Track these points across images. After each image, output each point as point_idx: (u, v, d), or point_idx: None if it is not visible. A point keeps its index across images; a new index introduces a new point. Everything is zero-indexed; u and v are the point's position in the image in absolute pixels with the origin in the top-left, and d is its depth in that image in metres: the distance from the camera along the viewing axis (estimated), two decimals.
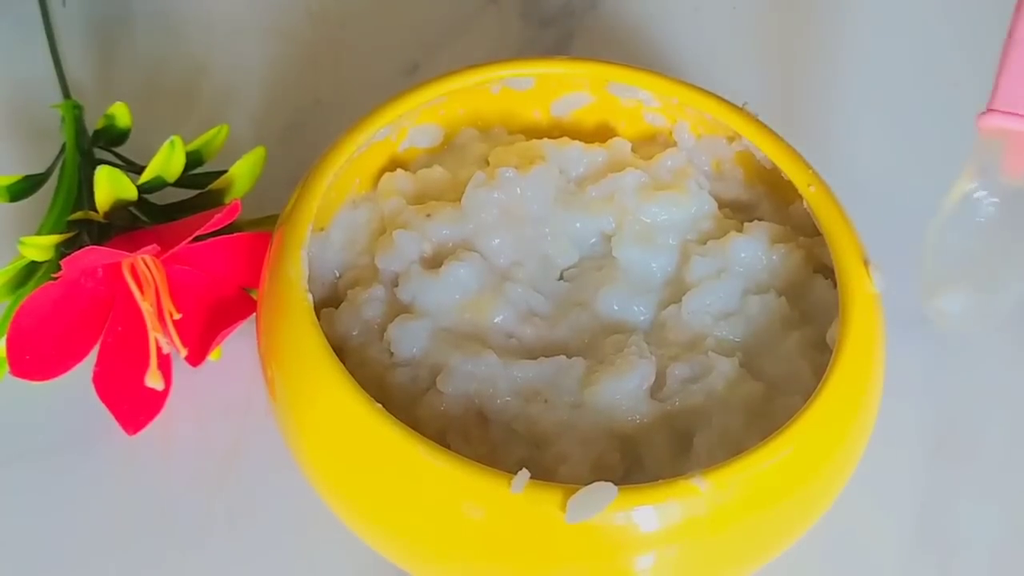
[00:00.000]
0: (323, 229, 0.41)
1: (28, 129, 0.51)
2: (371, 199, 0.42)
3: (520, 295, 0.39)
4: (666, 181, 0.41)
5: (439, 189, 0.42)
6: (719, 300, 0.39)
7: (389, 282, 0.40)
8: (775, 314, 0.39)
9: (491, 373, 0.37)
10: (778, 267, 0.40)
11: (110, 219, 0.42)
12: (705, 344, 0.38)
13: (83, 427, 0.42)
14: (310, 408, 0.36)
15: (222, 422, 0.43)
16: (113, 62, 0.54)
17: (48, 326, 0.41)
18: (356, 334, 0.39)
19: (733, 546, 0.35)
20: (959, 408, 0.44)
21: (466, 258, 0.39)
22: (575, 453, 0.36)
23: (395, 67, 0.54)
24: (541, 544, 0.33)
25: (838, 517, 0.37)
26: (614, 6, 0.57)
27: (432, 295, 0.39)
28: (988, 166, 0.37)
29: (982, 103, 0.54)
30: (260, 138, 0.50)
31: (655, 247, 0.40)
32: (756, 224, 0.41)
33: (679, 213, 0.41)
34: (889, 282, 0.39)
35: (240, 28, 0.55)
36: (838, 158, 0.42)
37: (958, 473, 0.43)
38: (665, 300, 0.40)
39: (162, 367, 0.41)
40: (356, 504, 0.36)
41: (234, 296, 0.43)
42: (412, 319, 0.38)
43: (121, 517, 0.41)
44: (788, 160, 0.40)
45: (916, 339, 0.45)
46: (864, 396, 0.36)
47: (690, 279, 0.40)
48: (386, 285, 0.40)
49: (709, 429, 0.36)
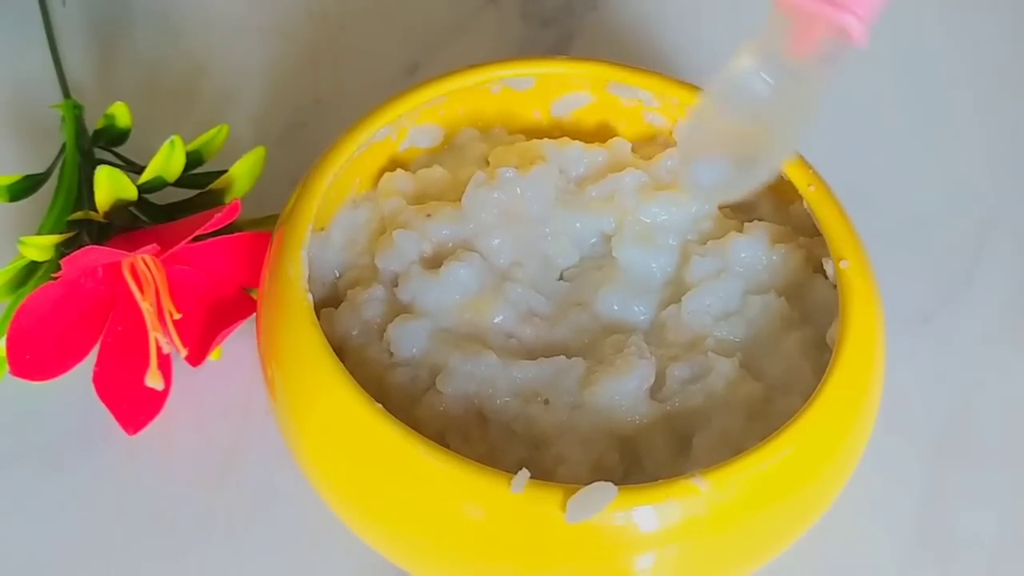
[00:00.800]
0: (323, 229, 0.41)
1: (28, 129, 0.51)
2: (371, 199, 0.42)
3: (520, 295, 0.39)
4: (666, 181, 0.41)
5: (439, 189, 0.42)
6: (719, 300, 0.39)
7: (389, 282, 0.40)
8: (775, 314, 0.39)
9: (491, 373, 0.37)
10: (778, 267, 0.40)
11: (110, 219, 0.42)
12: (705, 344, 0.38)
13: (83, 427, 0.42)
14: (310, 408, 0.36)
15: (222, 422, 0.43)
16: (113, 62, 0.54)
17: (48, 326, 0.41)
18: (356, 334, 0.39)
19: (733, 546, 0.35)
20: (959, 408, 0.44)
21: (466, 258, 0.39)
22: (575, 454, 0.36)
23: (395, 67, 0.54)
24: (541, 544, 0.33)
25: (838, 517, 0.37)
26: (614, 6, 0.57)
27: (432, 295, 0.39)
28: (773, 43, 0.35)
29: (981, 103, 0.54)
30: (260, 138, 0.50)
31: (655, 247, 0.40)
32: (756, 224, 0.41)
33: (679, 213, 0.41)
34: (889, 282, 0.39)
35: (240, 28, 0.55)
36: (838, 158, 0.42)
37: (958, 473, 0.43)
38: (665, 300, 0.40)
39: (162, 367, 0.41)
40: (356, 504, 0.36)
41: (234, 296, 0.43)
42: (412, 319, 0.38)
43: (121, 517, 0.41)
44: (788, 160, 0.40)
45: (916, 339, 0.46)
46: (864, 396, 0.36)
47: (690, 279, 0.40)
48: (386, 285, 0.40)
49: (709, 430, 0.36)
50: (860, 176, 0.45)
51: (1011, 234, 0.49)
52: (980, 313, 0.47)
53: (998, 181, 0.51)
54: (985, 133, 0.53)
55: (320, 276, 0.40)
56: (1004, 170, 0.52)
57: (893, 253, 0.42)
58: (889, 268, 0.39)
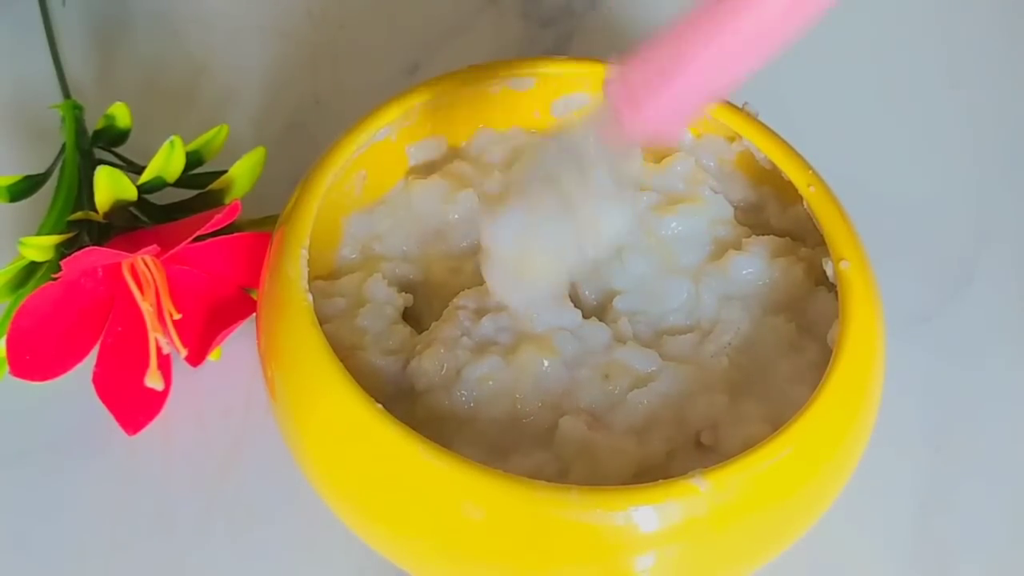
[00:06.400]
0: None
1: (28, 129, 0.51)
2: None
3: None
4: (680, 191, 0.41)
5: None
6: (720, 318, 0.39)
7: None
8: (779, 332, 0.39)
9: (492, 374, 0.37)
10: (779, 283, 0.40)
11: (110, 219, 0.42)
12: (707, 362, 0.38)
13: (83, 427, 0.42)
14: (310, 408, 0.36)
15: (222, 422, 0.43)
16: (113, 62, 0.54)
17: (48, 326, 0.41)
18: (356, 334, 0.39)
19: (733, 546, 0.35)
20: (959, 408, 0.44)
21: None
22: (578, 456, 0.36)
23: (395, 67, 0.54)
24: (541, 544, 0.33)
25: (838, 517, 0.37)
26: (614, 6, 0.57)
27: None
28: (598, 123, 0.33)
29: (981, 104, 0.54)
30: (260, 138, 0.50)
31: (669, 268, 0.40)
32: (755, 239, 0.41)
33: (698, 223, 0.41)
34: (889, 282, 0.39)
35: (240, 28, 0.55)
36: (838, 158, 0.42)
37: (958, 473, 0.43)
38: (668, 318, 0.40)
39: (162, 367, 0.41)
40: (356, 504, 0.36)
41: (234, 296, 0.43)
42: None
43: (121, 517, 0.41)
44: (788, 160, 0.40)
45: (916, 339, 0.46)
46: (864, 396, 0.36)
47: (694, 299, 0.40)
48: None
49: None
50: (860, 176, 0.45)
51: (1011, 234, 0.49)
52: (980, 313, 0.47)
53: (997, 181, 0.51)
54: (985, 133, 0.53)
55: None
56: (1003, 170, 0.52)
57: (893, 253, 0.42)
58: (889, 268, 0.39)
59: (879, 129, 0.53)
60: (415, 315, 0.41)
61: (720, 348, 0.38)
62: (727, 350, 0.38)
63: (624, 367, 0.37)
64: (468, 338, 0.38)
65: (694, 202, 0.41)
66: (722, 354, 0.38)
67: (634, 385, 0.37)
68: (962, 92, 0.54)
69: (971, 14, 0.57)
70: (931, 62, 0.55)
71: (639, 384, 0.37)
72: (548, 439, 0.36)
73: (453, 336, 0.38)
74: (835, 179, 0.40)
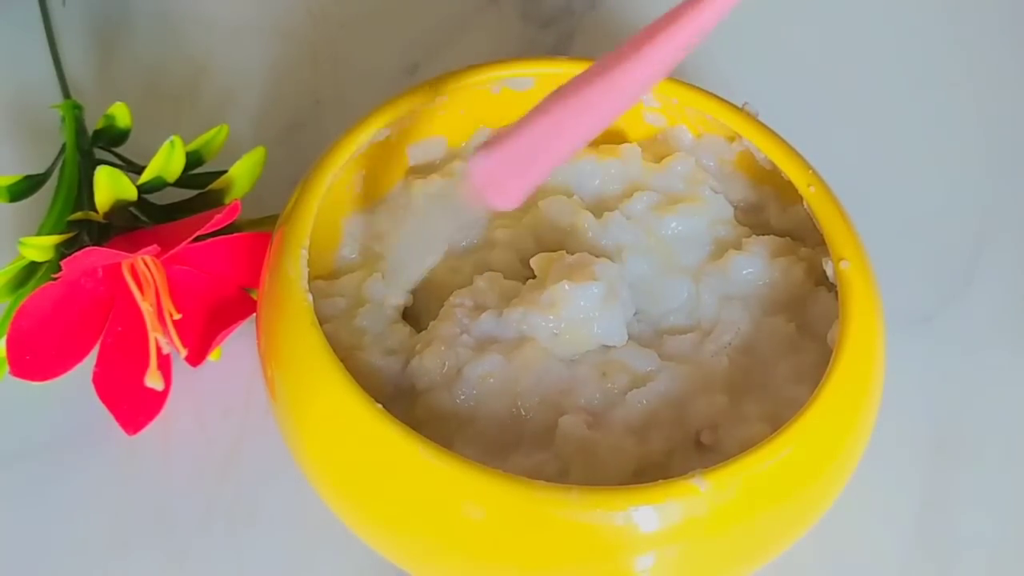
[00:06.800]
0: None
1: (28, 129, 0.51)
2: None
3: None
4: (680, 191, 0.41)
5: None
6: (720, 318, 0.39)
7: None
8: (779, 332, 0.39)
9: (494, 371, 0.37)
10: (779, 283, 0.40)
11: (110, 219, 0.42)
12: (707, 362, 0.38)
13: (83, 427, 0.42)
14: (310, 408, 0.36)
15: (222, 422, 0.43)
16: (113, 62, 0.54)
17: (48, 326, 0.41)
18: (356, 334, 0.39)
19: (733, 546, 0.35)
20: (959, 408, 0.44)
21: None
22: (577, 455, 0.36)
23: (395, 67, 0.54)
24: (541, 544, 0.33)
25: (838, 517, 0.37)
26: (614, 6, 0.57)
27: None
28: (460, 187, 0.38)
29: (981, 103, 0.54)
30: (260, 138, 0.50)
31: (670, 268, 0.40)
32: (755, 239, 0.41)
33: (698, 223, 0.41)
34: (889, 282, 0.39)
35: (240, 28, 0.55)
36: (838, 158, 0.42)
37: (958, 474, 0.43)
38: (668, 318, 0.40)
39: (162, 367, 0.41)
40: (356, 504, 0.36)
41: (234, 296, 0.43)
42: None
43: (121, 517, 0.41)
44: (788, 160, 0.40)
45: (916, 339, 0.46)
46: (864, 396, 0.36)
47: (694, 299, 0.40)
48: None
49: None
50: (860, 176, 0.45)
51: (1011, 234, 0.49)
52: (980, 313, 0.47)
53: (998, 181, 0.51)
54: (985, 133, 0.53)
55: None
56: (1004, 170, 0.52)
57: (893, 253, 0.42)
58: (889, 268, 0.39)
59: (879, 129, 0.53)
60: (414, 315, 0.41)
61: (720, 348, 0.38)
62: (727, 350, 0.38)
63: (624, 366, 0.37)
64: (468, 336, 0.38)
65: (694, 202, 0.41)
66: (722, 354, 0.38)
67: (634, 384, 0.37)
68: (963, 92, 0.54)
69: (971, 14, 0.57)
70: (931, 62, 0.55)
71: (639, 383, 0.37)
72: (548, 438, 0.36)
73: (452, 334, 0.38)
74: (835, 179, 0.40)
